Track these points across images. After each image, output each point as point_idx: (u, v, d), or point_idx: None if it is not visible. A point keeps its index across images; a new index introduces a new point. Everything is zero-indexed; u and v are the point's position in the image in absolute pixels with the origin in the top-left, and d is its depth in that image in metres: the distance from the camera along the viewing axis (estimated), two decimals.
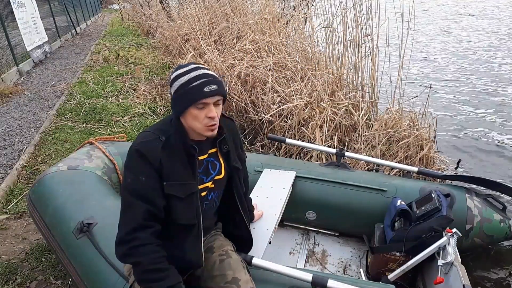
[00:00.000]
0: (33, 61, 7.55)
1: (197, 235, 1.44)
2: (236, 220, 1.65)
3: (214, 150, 1.50)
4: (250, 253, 1.64)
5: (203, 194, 1.47)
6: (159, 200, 1.33)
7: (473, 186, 2.49)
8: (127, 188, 1.33)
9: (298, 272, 1.55)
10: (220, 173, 1.51)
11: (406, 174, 2.62)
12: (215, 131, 1.39)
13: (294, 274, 1.55)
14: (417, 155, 3.31)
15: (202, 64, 1.44)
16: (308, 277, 1.52)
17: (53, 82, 6.33)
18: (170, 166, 1.34)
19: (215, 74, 1.37)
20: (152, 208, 1.30)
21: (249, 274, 1.48)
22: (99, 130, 4.30)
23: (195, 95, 1.30)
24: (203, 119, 1.33)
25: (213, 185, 1.50)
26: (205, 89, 1.30)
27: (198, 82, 1.30)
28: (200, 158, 1.44)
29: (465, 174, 3.57)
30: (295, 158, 3.50)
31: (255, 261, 1.59)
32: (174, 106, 1.36)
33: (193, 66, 1.36)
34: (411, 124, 3.51)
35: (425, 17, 12.87)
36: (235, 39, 5.13)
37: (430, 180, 2.76)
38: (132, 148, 1.34)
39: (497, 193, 2.45)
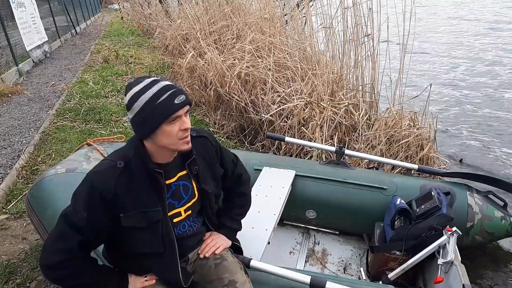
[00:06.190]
0: (33, 61, 7.55)
1: (171, 260, 1.36)
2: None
3: (184, 172, 1.39)
4: (249, 254, 1.64)
5: (175, 220, 1.38)
6: (97, 237, 1.29)
7: (474, 183, 2.49)
8: (65, 216, 1.25)
9: (296, 274, 1.56)
10: (194, 196, 1.42)
11: (406, 172, 2.62)
12: (190, 143, 1.29)
13: (293, 276, 1.56)
14: (417, 155, 3.30)
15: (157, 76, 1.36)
16: (307, 279, 1.53)
17: (53, 82, 6.33)
18: (129, 194, 1.25)
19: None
20: (87, 241, 1.27)
21: (247, 275, 1.46)
22: (99, 130, 4.29)
23: (167, 110, 1.20)
24: (177, 133, 1.23)
25: (189, 211, 1.42)
26: (175, 101, 1.20)
27: (166, 95, 1.20)
28: (168, 182, 1.34)
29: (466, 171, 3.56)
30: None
31: (253, 263, 1.58)
32: (141, 127, 1.24)
33: (150, 79, 1.24)
34: (412, 123, 3.50)
35: (425, 16, 12.86)
36: (235, 39, 5.13)
37: (431, 178, 2.76)
38: (87, 176, 1.26)
39: (498, 189, 2.44)
